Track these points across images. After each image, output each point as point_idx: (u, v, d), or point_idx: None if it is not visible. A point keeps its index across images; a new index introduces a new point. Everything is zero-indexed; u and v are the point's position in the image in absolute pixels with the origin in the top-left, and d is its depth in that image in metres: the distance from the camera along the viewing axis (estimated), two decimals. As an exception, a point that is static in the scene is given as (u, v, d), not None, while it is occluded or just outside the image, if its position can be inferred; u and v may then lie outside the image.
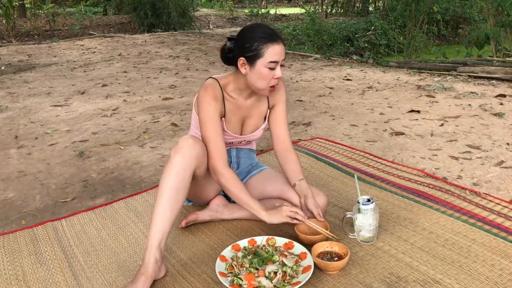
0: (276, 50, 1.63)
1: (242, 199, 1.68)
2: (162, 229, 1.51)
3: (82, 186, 2.42)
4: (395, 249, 1.66)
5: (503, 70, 4.74)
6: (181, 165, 1.56)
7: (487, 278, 1.47)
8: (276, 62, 1.64)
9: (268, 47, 1.62)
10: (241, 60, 1.67)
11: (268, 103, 1.87)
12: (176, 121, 3.48)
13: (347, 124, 3.25)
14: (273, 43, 1.62)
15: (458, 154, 2.61)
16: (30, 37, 10.09)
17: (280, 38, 1.66)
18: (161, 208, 1.53)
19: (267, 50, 1.62)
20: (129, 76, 5.45)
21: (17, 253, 1.77)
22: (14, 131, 3.45)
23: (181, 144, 1.60)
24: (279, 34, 1.68)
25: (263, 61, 1.63)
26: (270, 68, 1.64)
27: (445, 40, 9.97)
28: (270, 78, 1.66)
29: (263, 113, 1.88)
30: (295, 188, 1.79)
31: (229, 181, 1.68)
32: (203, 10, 16.12)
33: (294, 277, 1.47)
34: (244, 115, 1.84)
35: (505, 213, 1.87)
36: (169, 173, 1.55)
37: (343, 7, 14.17)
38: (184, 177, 1.57)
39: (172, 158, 1.57)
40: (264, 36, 1.63)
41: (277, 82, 1.69)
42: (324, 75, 5.17)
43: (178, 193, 1.55)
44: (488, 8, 5.90)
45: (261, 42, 1.62)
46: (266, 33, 1.64)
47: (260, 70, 1.64)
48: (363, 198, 1.69)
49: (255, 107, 1.85)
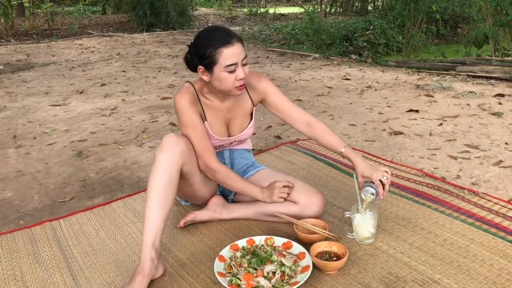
0: (230, 53, 1.59)
1: (242, 189, 1.75)
2: (154, 228, 1.52)
3: (81, 186, 2.42)
4: (393, 249, 1.66)
5: (502, 70, 4.75)
6: (167, 162, 1.57)
7: (485, 278, 1.47)
8: (234, 64, 1.61)
9: (221, 52, 1.58)
10: (201, 69, 1.67)
11: (252, 100, 1.85)
12: (175, 121, 3.48)
13: (346, 124, 3.25)
14: (225, 46, 1.59)
15: (456, 153, 2.61)
16: (28, 36, 10.07)
17: (233, 39, 1.61)
18: (152, 207, 1.54)
19: (220, 55, 1.59)
20: (127, 75, 5.44)
21: (15, 253, 1.76)
22: (13, 130, 3.44)
23: (164, 142, 1.61)
24: (232, 34, 1.63)
25: (220, 66, 1.61)
26: (230, 71, 1.62)
27: (444, 39, 9.97)
28: (232, 81, 1.64)
29: (248, 111, 1.87)
30: (343, 156, 1.75)
31: (225, 175, 1.72)
32: (202, 10, 16.10)
33: (293, 277, 1.47)
34: (226, 117, 1.83)
35: (503, 212, 1.87)
36: (156, 172, 1.57)
37: (342, 6, 14.16)
38: (172, 174, 1.58)
39: (157, 157, 1.58)
40: (215, 41, 1.59)
41: (242, 82, 1.66)
42: (323, 75, 5.17)
43: (167, 190, 1.56)
44: (487, 8, 5.90)
45: (212, 48, 1.59)
46: (216, 37, 1.60)
47: (219, 76, 1.63)
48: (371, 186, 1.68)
49: (237, 107, 1.84)
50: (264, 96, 1.86)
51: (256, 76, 1.84)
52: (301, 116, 1.84)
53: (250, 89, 1.84)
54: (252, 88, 1.84)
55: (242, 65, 1.64)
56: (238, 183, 1.75)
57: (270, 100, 1.86)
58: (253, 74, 1.82)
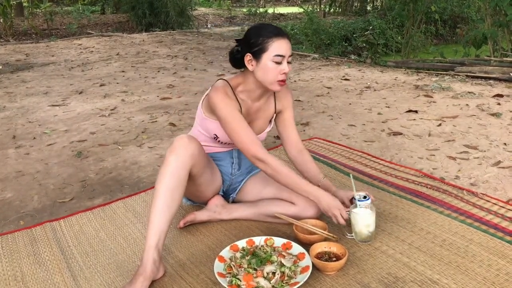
0: (281, 44, 1.66)
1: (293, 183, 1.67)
2: (159, 229, 1.52)
3: (81, 186, 2.42)
4: (392, 249, 1.66)
5: (501, 70, 4.76)
6: (176, 164, 1.56)
7: (484, 278, 1.48)
8: (282, 56, 1.66)
9: (273, 41, 1.65)
10: (248, 56, 1.69)
11: (275, 107, 1.89)
12: (174, 121, 3.48)
13: (345, 124, 3.26)
14: (278, 37, 1.66)
15: (455, 154, 2.62)
16: (27, 36, 10.07)
17: (285, 35, 1.69)
18: (158, 208, 1.53)
19: (272, 44, 1.65)
20: (127, 75, 5.45)
21: (15, 253, 1.77)
22: (12, 131, 3.44)
23: (176, 143, 1.60)
24: (284, 31, 1.71)
25: (268, 54, 1.65)
26: (276, 62, 1.65)
27: (443, 39, 9.99)
28: (277, 72, 1.67)
29: (269, 116, 1.90)
30: (321, 187, 1.79)
31: (275, 168, 1.65)
32: (201, 9, 16.10)
33: (292, 277, 1.47)
34: (252, 117, 1.84)
35: (502, 213, 1.88)
36: (165, 173, 1.56)
37: (341, 7, 14.18)
38: (180, 176, 1.57)
39: (167, 158, 1.57)
40: (269, 32, 1.66)
41: (285, 77, 1.69)
42: (322, 75, 5.18)
43: (174, 193, 1.56)
44: (486, 8, 5.91)
45: (265, 36, 1.65)
46: (271, 29, 1.68)
47: (266, 64, 1.66)
48: (359, 194, 1.72)
49: (262, 110, 1.86)
50: (282, 109, 1.90)
51: (285, 89, 1.89)
52: (297, 142, 1.93)
53: (278, 98, 1.89)
54: (278, 98, 1.89)
55: (288, 62, 1.68)
56: (288, 178, 1.66)
57: (283, 116, 1.91)
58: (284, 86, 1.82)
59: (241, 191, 1.96)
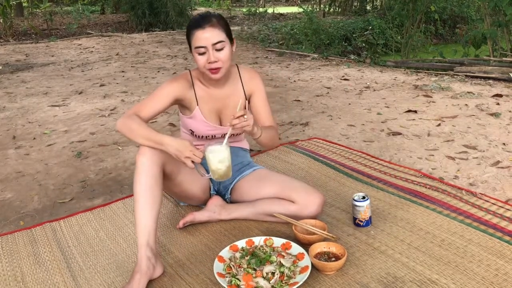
0: (200, 35, 1.67)
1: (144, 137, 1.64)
2: (147, 228, 1.56)
3: (80, 187, 2.42)
4: (392, 250, 1.67)
5: (500, 70, 4.76)
6: (148, 163, 1.61)
7: (482, 278, 1.49)
8: (203, 47, 1.68)
9: (193, 33, 1.69)
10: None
11: (245, 93, 1.90)
12: (174, 121, 3.48)
13: (345, 124, 3.27)
14: (197, 29, 1.68)
15: (454, 154, 2.62)
16: (27, 36, 10.07)
17: (206, 24, 1.67)
18: (141, 209, 1.58)
19: (193, 36, 1.69)
20: (127, 75, 5.45)
21: (15, 254, 1.77)
22: (12, 131, 3.45)
23: (142, 147, 1.65)
24: (207, 18, 1.69)
25: (193, 47, 1.71)
26: (199, 53, 1.70)
27: (443, 39, 10.00)
28: (203, 62, 1.71)
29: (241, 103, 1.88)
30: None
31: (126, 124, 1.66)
32: (201, 9, 16.08)
33: (292, 277, 1.48)
34: (218, 105, 1.87)
35: (501, 213, 1.88)
36: (140, 173, 1.61)
37: (341, 6, 14.17)
38: (154, 174, 1.62)
39: (137, 162, 1.63)
40: (190, 25, 1.72)
41: (213, 66, 1.70)
42: (322, 75, 5.18)
43: (153, 190, 1.60)
44: (485, 8, 5.92)
45: (188, 30, 1.72)
46: (193, 21, 1.72)
47: (194, 56, 1.73)
48: (358, 195, 1.76)
49: (230, 98, 1.88)
50: (252, 93, 1.92)
51: (252, 72, 1.93)
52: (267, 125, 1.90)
53: (245, 83, 1.90)
54: (246, 82, 1.91)
55: (217, 50, 1.69)
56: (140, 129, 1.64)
57: (253, 100, 1.92)
58: (249, 70, 1.93)
59: (238, 191, 1.94)
